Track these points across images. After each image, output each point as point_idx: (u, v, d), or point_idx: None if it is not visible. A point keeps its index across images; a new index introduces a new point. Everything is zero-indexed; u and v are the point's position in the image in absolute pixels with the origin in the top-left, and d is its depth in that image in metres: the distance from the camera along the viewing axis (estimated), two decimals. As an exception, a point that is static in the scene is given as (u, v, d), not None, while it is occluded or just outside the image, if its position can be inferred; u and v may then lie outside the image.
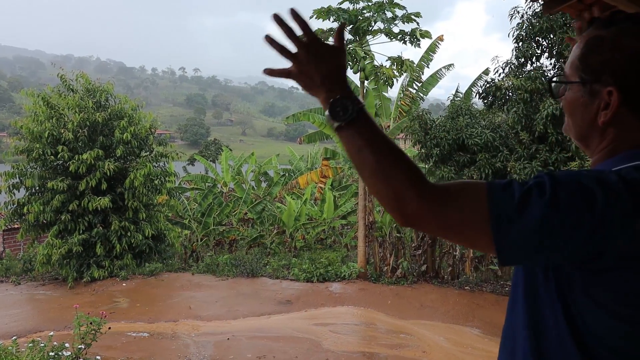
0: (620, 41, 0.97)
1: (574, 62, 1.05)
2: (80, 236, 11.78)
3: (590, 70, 1.01)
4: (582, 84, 1.03)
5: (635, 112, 0.97)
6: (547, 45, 9.46)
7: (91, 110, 12.46)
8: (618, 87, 0.96)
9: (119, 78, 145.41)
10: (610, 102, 0.97)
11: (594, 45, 1.01)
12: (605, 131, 1.01)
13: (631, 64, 0.96)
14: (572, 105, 1.06)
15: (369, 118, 0.96)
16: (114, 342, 7.37)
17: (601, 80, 0.99)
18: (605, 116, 0.99)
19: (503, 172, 9.36)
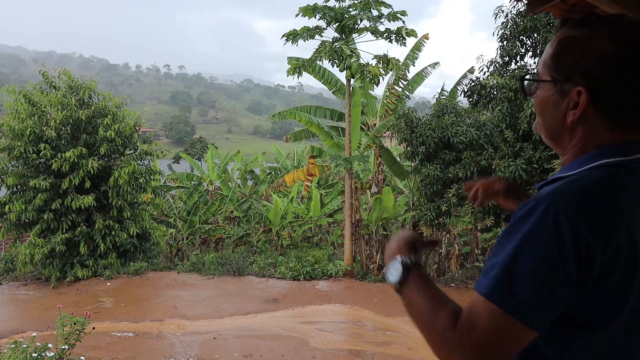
0: (591, 42, 0.99)
1: (546, 61, 1.07)
2: (63, 235, 11.62)
3: (561, 70, 1.03)
4: (552, 83, 1.05)
5: (602, 113, 1.00)
6: (531, 45, 9.56)
7: (74, 108, 12.29)
8: (587, 87, 0.98)
9: (102, 75, 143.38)
10: (578, 102, 0.99)
11: (565, 45, 1.03)
12: (574, 130, 1.04)
13: (600, 65, 0.98)
14: (543, 103, 1.08)
15: (415, 282, 1.07)
16: (98, 342, 7.29)
17: (571, 79, 1.01)
18: (574, 115, 1.01)
19: (488, 170, 9.43)
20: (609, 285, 0.91)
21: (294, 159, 25.62)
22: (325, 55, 11.20)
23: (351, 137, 12.13)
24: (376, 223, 12.63)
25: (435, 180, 9.93)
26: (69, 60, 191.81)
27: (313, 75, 13.05)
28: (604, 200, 0.93)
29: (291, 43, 11.39)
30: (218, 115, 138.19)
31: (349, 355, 7.06)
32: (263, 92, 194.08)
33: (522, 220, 0.93)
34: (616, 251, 0.90)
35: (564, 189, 0.95)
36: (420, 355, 7.00)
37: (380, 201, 12.30)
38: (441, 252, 12.56)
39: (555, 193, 0.94)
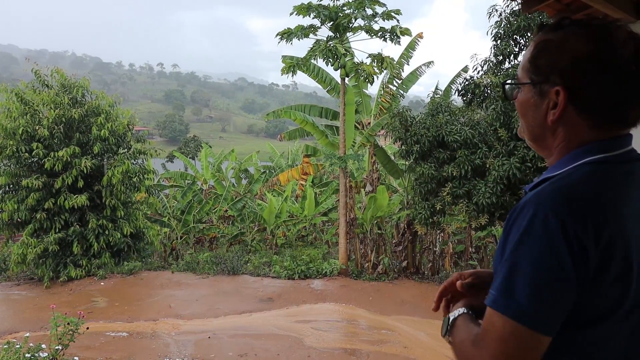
0: (566, 44, 1.03)
1: (524, 64, 1.12)
2: (56, 235, 11.55)
3: (540, 72, 1.07)
4: (532, 85, 1.09)
5: (581, 111, 1.03)
6: (525, 44, 9.59)
7: (67, 107, 12.21)
8: (564, 87, 1.02)
9: (95, 74, 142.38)
10: (557, 102, 1.03)
11: (542, 48, 1.08)
12: (556, 130, 1.07)
13: (575, 65, 1.01)
14: (524, 106, 1.12)
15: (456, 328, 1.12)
16: (92, 343, 7.25)
17: (549, 80, 1.05)
18: (554, 115, 1.05)
19: (482, 169, 9.47)
20: (607, 277, 0.93)
21: (289, 157, 25.59)
22: (320, 54, 11.19)
23: (345, 135, 12.14)
24: (371, 222, 12.64)
25: (429, 178, 9.95)
26: (61, 58, 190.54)
27: (307, 74, 13.04)
28: (590, 195, 0.96)
29: (285, 42, 11.37)
30: (212, 114, 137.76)
31: (344, 354, 7.06)
32: (257, 91, 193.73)
33: (512, 225, 0.96)
34: (609, 243, 0.93)
35: (549, 189, 0.98)
36: (415, 353, 7.02)
37: (374, 200, 12.31)
38: (435, 251, 12.58)
39: (541, 194, 0.97)
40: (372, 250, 12.27)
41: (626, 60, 0.99)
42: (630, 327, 0.99)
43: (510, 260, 0.94)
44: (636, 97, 1.01)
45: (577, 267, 0.91)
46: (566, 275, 0.91)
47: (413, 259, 12.30)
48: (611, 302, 0.96)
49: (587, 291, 0.93)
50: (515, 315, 0.91)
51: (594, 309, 0.95)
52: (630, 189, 1.01)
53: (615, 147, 1.03)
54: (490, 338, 0.95)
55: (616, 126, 1.04)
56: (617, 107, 1.02)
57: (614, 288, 0.95)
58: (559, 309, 0.93)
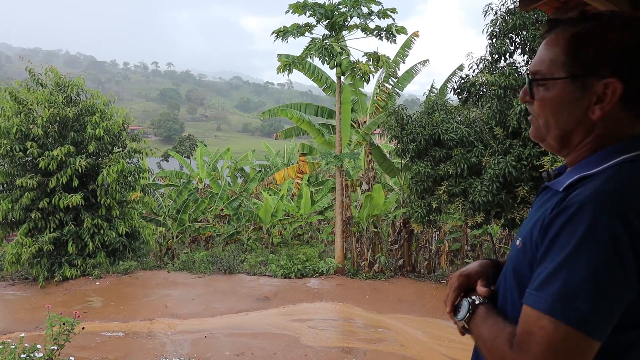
0: (611, 35, 0.99)
1: (555, 59, 1.05)
2: (51, 234, 11.49)
3: (582, 65, 1.01)
4: (570, 80, 1.03)
5: (627, 104, 1.00)
6: (520, 42, 9.59)
7: (61, 106, 12.14)
8: (619, 78, 0.98)
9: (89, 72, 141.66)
10: (604, 95, 0.99)
11: (583, 40, 1.02)
12: (594, 125, 1.03)
13: (626, 56, 0.98)
14: (558, 103, 1.05)
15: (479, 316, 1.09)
16: (87, 343, 7.22)
17: (597, 73, 1.00)
18: (602, 109, 1.00)
19: (478, 167, 9.48)
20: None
21: (284, 156, 25.59)
22: (316, 52, 11.17)
23: (341, 134, 12.13)
24: (367, 220, 12.64)
25: (425, 177, 9.95)
26: (55, 57, 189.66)
27: (303, 72, 13.01)
28: None
29: (281, 40, 11.34)
30: (207, 112, 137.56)
31: (340, 352, 7.06)
32: (252, 90, 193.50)
33: (569, 227, 0.92)
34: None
35: (604, 189, 0.93)
36: (412, 352, 7.02)
37: (370, 198, 12.31)
38: (431, 249, 12.61)
39: (597, 194, 0.92)
40: (368, 249, 12.28)
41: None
42: None
43: (570, 264, 0.89)
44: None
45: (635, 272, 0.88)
46: (630, 282, 0.88)
47: (409, 257, 12.31)
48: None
49: None
50: (575, 322, 0.88)
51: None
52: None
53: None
54: (537, 342, 0.90)
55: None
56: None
57: None
58: (616, 313, 0.90)
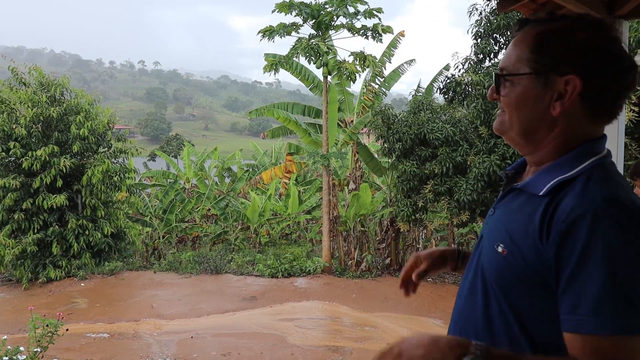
0: (575, 34, 1.03)
1: (521, 56, 1.07)
2: (34, 235, 11.35)
3: (546, 61, 1.03)
4: (535, 76, 1.05)
5: (586, 102, 1.02)
6: (505, 42, 9.70)
7: (45, 105, 11.99)
8: (579, 75, 1.00)
9: (74, 71, 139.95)
10: (565, 92, 1.01)
11: (548, 37, 1.05)
12: (555, 123, 1.05)
13: (588, 54, 1.01)
14: (522, 98, 1.06)
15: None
16: (72, 344, 7.15)
17: (558, 69, 1.02)
18: (561, 105, 1.02)
19: (463, 166, 9.57)
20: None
21: (272, 156, 25.53)
22: (302, 52, 11.17)
23: (328, 133, 12.15)
24: (354, 219, 12.68)
25: (411, 176, 10.02)
26: (40, 55, 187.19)
27: (290, 72, 13.01)
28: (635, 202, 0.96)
29: (267, 39, 11.33)
30: (194, 112, 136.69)
31: (327, 351, 7.08)
32: (240, 89, 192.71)
33: (589, 240, 0.90)
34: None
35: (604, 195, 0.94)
36: (398, 349, 7.06)
37: (357, 197, 12.35)
38: (418, 248, 12.68)
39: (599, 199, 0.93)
40: (355, 248, 12.31)
41: (627, 55, 1.02)
42: None
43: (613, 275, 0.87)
44: (627, 94, 1.04)
45: None
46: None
47: (396, 256, 12.38)
48: None
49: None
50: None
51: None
52: None
53: (604, 147, 1.06)
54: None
55: (606, 120, 1.06)
56: (613, 100, 1.03)
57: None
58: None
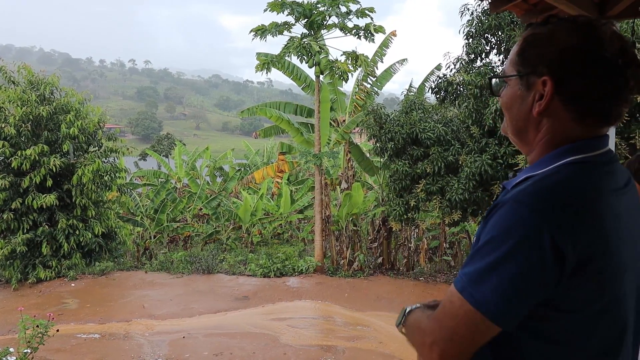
0: (554, 36, 1.05)
1: (512, 58, 1.13)
2: (24, 235, 11.25)
3: (527, 64, 1.08)
4: (519, 78, 1.10)
5: (566, 103, 1.04)
6: (496, 42, 9.75)
7: (34, 104, 11.88)
8: (551, 76, 1.03)
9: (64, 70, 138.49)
10: (544, 93, 1.04)
11: (530, 41, 1.10)
12: (540, 123, 1.08)
13: (563, 56, 1.03)
14: (510, 99, 1.13)
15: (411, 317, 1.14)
16: (63, 345, 7.10)
17: (536, 71, 1.06)
18: (540, 106, 1.05)
19: (455, 165, 9.60)
20: (585, 276, 0.95)
21: (264, 155, 25.49)
22: (294, 51, 11.16)
23: (321, 133, 12.15)
24: (346, 219, 12.69)
25: (403, 175, 10.04)
26: (28, 54, 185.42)
27: (282, 71, 12.99)
28: (571, 196, 0.97)
29: (259, 38, 11.31)
30: (186, 111, 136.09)
31: (320, 350, 7.08)
32: (232, 88, 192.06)
33: (490, 220, 0.99)
34: (588, 245, 0.94)
35: (530, 189, 0.98)
36: (390, 348, 7.09)
37: (350, 197, 12.36)
38: (410, 247, 12.72)
39: (523, 193, 0.98)
40: (347, 247, 12.32)
41: (612, 55, 1.01)
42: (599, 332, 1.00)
43: (483, 253, 0.96)
44: (619, 94, 1.03)
45: (549, 269, 0.92)
46: (535, 276, 0.92)
47: (388, 255, 12.41)
48: (590, 296, 0.97)
49: (560, 290, 0.95)
50: (478, 304, 0.94)
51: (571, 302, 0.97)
52: (609, 189, 1.02)
53: (596, 147, 1.05)
54: (444, 313, 1.00)
55: (599, 122, 1.05)
56: (601, 100, 1.03)
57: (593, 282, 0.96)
58: (521, 306, 0.95)
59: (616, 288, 0.99)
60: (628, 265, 1.02)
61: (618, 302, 1.01)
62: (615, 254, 0.98)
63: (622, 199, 1.04)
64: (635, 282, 1.05)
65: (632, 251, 1.04)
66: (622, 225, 1.01)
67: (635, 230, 1.07)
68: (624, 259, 1.00)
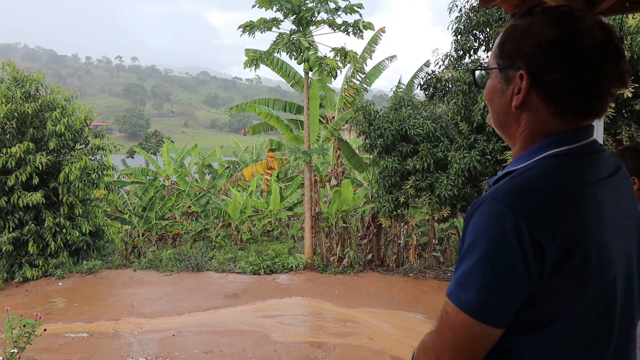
0: (532, 29, 1.03)
1: (494, 50, 1.12)
2: (10, 234, 11.09)
3: (506, 56, 1.07)
4: (499, 70, 1.08)
5: (544, 98, 1.02)
6: (484, 39, 9.79)
7: (19, 101, 11.71)
8: (527, 70, 1.01)
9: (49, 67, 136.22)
10: (522, 87, 1.03)
11: (509, 33, 1.08)
12: (520, 117, 1.07)
13: (539, 49, 1.01)
14: (491, 92, 1.12)
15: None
16: (50, 345, 7.02)
17: (514, 65, 1.04)
18: (517, 100, 1.04)
19: (444, 162, 9.65)
20: (568, 270, 0.94)
21: (253, 152, 25.41)
22: (283, 47, 11.12)
23: (310, 130, 12.13)
24: (336, 215, 12.70)
25: (393, 172, 10.06)
26: (13, 50, 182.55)
27: (271, 67, 12.93)
28: (548, 190, 0.96)
29: (248, 34, 11.25)
30: (174, 108, 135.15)
31: (310, 347, 7.08)
32: (220, 85, 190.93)
33: (470, 219, 0.98)
34: (568, 238, 0.93)
35: (507, 185, 0.98)
36: (381, 344, 7.11)
37: (339, 194, 12.37)
38: (400, 243, 12.77)
39: (500, 190, 0.97)
40: (337, 244, 12.33)
41: (590, 48, 0.98)
42: (587, 326, 0.99)
43: (466, 255, 0.96)
44: (599, 87, 1.00)
45: (530, 264, 0.91)
46: (516, 272, 0.91)
47: (378, 251, 12.44)
48: (573, 291, 0.96)
49: (544, 286, 0.94)
50: (465, 307, 0.94)
51: (555, 299, 0.96)
52: (592, 180, 1.00)
53: (578, 139, 1.03)
54: (442, 325, 0.99)
55: (579, 116, 1.03)
56: (579, 95, 1.00)
57: (575, 277, 0.95)
58: (508, 304, 0.95)
59: (603, 280, 0.97)
60: (616, 257, 1.00)
61: (606, 294, 0.99)
62: (599, 245, 0.96)
63: (607, 188, 1.02)
64: (625, 273, 1.03)
65: (621, 241, 1.02)
66: (606, 215, 0.99)
67: (625, 220, 1.05)
68: (609, 250, 0.98)
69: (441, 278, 10.89)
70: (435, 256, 12.77)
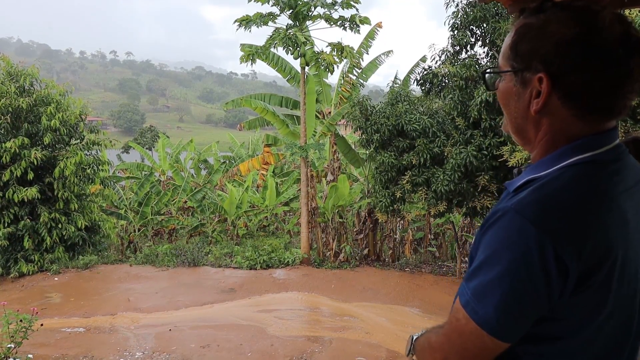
0: (548, 27, 0.97)
1: (505, 51, 1.05)
2: (5, 230, 11.05)
3: (521, 58, 1.00)
4: (513, 73, 1.02)
5: (566, 100, 0.97)
6: (481, 34, 9.80)
7: (14, 96, 11.64)
8: (547, 73, 0.96)
9: (43, 61, 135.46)
10: (541, 90, 0.97)
11: (523, 33, 1.01)
12: (539, 122, 1.01)
13: (558, 50, 0.95)
14: (506, 95, 1.05)
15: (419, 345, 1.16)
16: (47, 339, 7.01)
17: (531, 67, 0.98)
18: (537, 104, 0.98)
19: (440, 157, 9.67)
20: (589, 287, 0.91)
21: (249, 147, 25.38)
22: (280, 42, 11.09)
23: (306, 125, 12.12)
24: (332, 211, 12.72)
25: (389, 167, 10.08)
26: (6, 45, 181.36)
27: (267, 62, 12.90)
28: (574, 205, 0.92)
29: (244, 29, 11.20)
30: (169, 103, 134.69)
31: (306, 341, 7.11)
32: (215, 80, 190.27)
33: (490, 228, 0.94)
34: (592, 253, 0.90)
35: (532, 197, 0.93)
36: (377, 338, 7.15)
37: (335, 189, 12.39)
38: (395, 238, 12.82)
39: (524, 202, 0.92)
40: (333, 239, 12.36)
41: (612, 44, 0.93)
42: (601, 341, 0.97)
43: (484, 266, 0.92)
44: (622, 85, 0.95)
45: (552, 282, 0.88)
46: (537, 291, 0.89)
47: (374, 246, 12.48)
48: (593, 307, 0.94)
49: (563, 303, 0.92)
50: (481, 323, 0.92)
51: (575, 314, 0.94)
52: (618, 192, 0.96)
53: (602, 144, 0.97)
54: (452, 329, 0.99)
55: (602, 117, 0.98)
56: (603, 95, 0.95)
57: (596, 293, 0.92)
58: (525, 321, 0.93)
59: (623, 295, 0.95)
60: (638, 270, 0.97)
61: (625, 309, 0.97)
62: (622, 262, 0.93)
63: (633, 199, 0.98)
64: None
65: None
66: (630, 229, 0.95)
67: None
68: (631, 266, 0.95)
69: (437, 273, 10.95)
70: (431, 251, 12.82)
